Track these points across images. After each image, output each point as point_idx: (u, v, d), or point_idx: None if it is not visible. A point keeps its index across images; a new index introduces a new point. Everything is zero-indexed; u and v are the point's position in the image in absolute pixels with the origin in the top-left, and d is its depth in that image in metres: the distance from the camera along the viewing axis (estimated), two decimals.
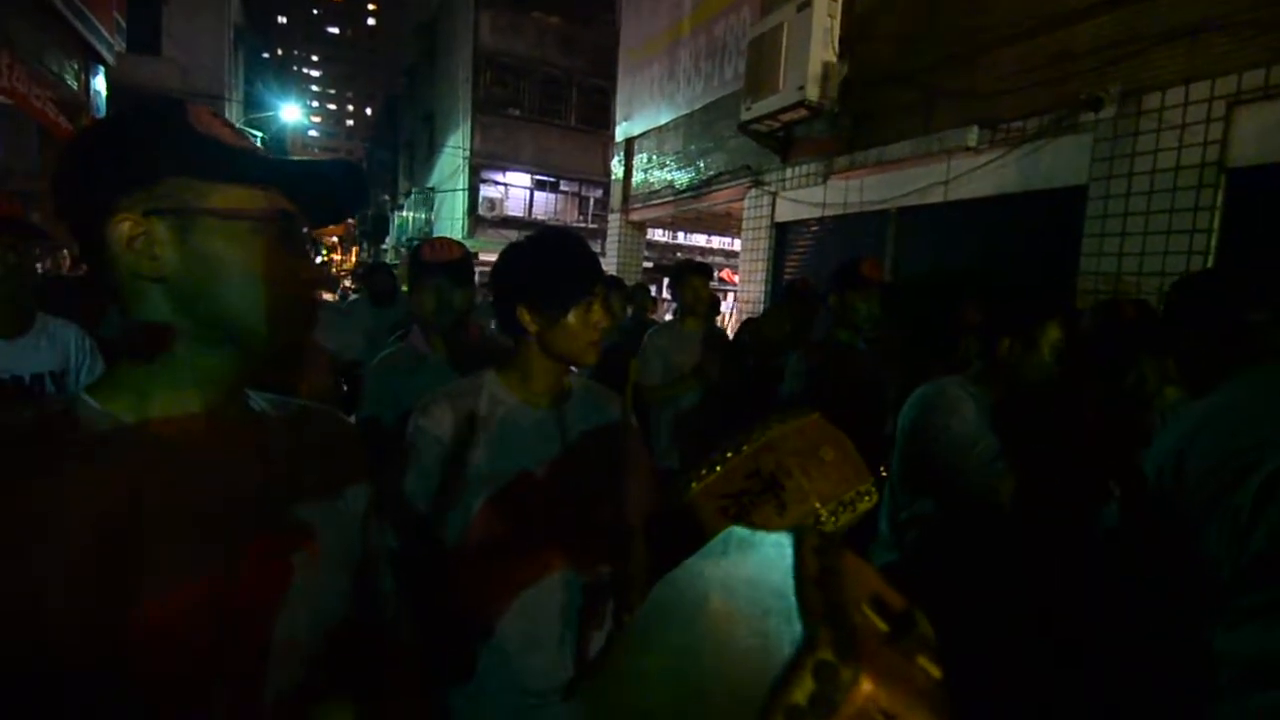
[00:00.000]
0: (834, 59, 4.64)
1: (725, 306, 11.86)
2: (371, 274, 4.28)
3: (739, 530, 0.49)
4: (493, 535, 1.18)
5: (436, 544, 1.19)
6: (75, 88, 6.29)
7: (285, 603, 0.65)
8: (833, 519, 0.77)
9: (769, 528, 0.79)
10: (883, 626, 0.40)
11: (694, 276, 2.93)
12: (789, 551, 0.43)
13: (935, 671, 0.39)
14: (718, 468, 0.81)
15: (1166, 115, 2.93)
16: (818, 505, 0.78)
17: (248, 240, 0.62)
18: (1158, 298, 2.91)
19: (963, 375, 1.75)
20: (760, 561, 0.44)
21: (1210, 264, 2.79)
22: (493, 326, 2.14)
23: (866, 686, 0.34)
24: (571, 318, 1.18)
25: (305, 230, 0.68)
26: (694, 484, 0.81)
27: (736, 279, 9.66)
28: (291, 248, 0.66)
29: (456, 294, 1.85)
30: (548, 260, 1.21)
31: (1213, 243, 2.79)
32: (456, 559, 1.19)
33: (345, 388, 2.79)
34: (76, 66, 6.34)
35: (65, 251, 5.84)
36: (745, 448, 0.82)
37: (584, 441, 1.27)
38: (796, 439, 0.83)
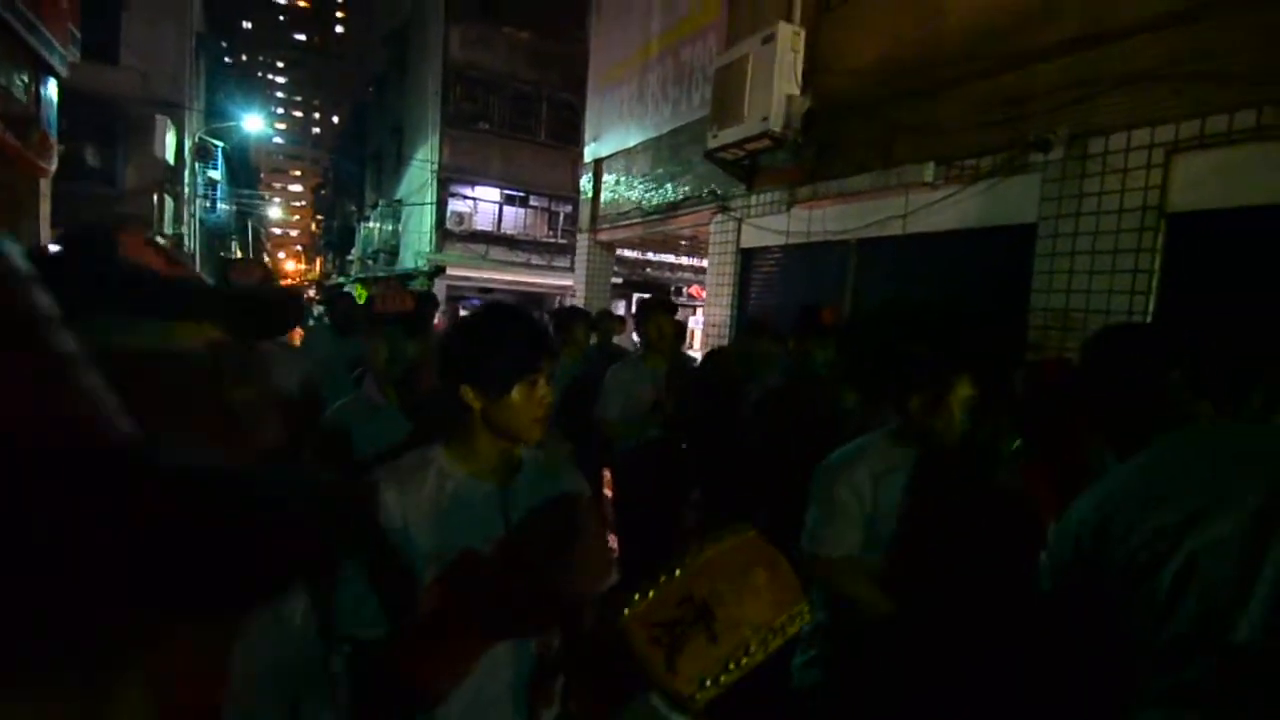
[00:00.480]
0: (797, 91, 4.72)
1: (694, 321, 11.93)
2: (334, 301, 4.20)
3: (651, 700, 0.49)
4: (439, 612, 1.17)
5: (385, 623, 1.17)
6: (24, 100, 6.10)
7: None
8: (762, 648, 0.78)
9: (701, 658, 0.78)
10: None
11: (659, 314, 2.95)
12: None
13: None
14: (650, 593, 0.80)
15: (1110, 159, 3.05)
16: (748, 634, 0.77)
17: (180, 377, 0.61)
18: None
19: (884, 432, 1.76)
20: None
21: (1152, 304, 2.90)
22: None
23: None
24: (515, 395, 1.18)
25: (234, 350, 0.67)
26: (626, 610, 0.80)
27: (704, 295, 9.76)
28: (225, 376, 0.65)
29: (409, 345, 1.85)
30: (490, 339, 1.21)
31: (1154, 283, 2.90)
32: (403, 636, 1.17)
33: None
34: (26, 79, 6.15)
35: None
36: (678, 572, 0.81)
37: (534, 515, 1.26)
38: (729, 561, 0.82)
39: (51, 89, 6.84)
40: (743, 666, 0.72)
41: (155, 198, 13.25)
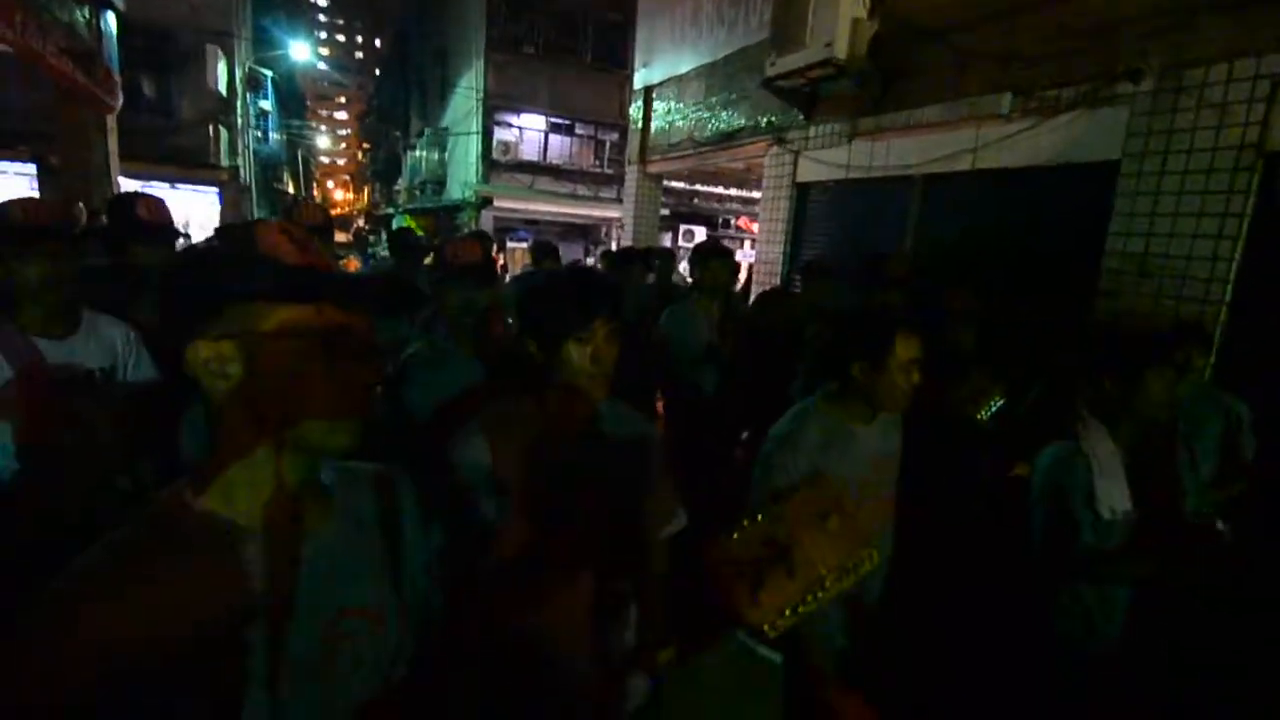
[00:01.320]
0: (864, 15, 4.45)
1: (742, 255, 11.75)
2: (400, 244, 4.21)
3: (738, 637, 0.62)
4: (523, 550, 1.27)
5: (470, 563, 1.28)
6: (86, 35, 6.20)
7: (358, 662, 0.74)
8: (836, 585, 0.85)
9: (781, 591, 0.86)
10: None
11: (714, 260, 2.94)
12: (778, 680, 0.55)
13: None
14: (735, 535, 0.88)
15: (1208, 92, 2.83)
16: (823, 571, 0.85)
17: (303, 355, 0.68)
18: (1181, 282, 2.89)
19: (819, 395, 1.71)
20: (751, 683, 0.58)
21: (1239, 250, 2.74)
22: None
23: None
24: (568, 351, 1.23)
25: (362, 338, 0.73)
26: (715, 550, 0.88)
27: (755, 227, 9.53)
28: (340, 358, 0.70)
29: (479, 295, 1.92)
30: (545, 298, 1.29)
31: (1244, 228, 2.74)
32: (489, 573, 1.28)
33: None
34: (87, 13, 6.23)
35: (81, 205, 5.90)
36: (760, 517, 0.89)
37: (610, 460, 1.34)
38: (805, 508, 0.89)
39: (110, 22, 6.92)
40: (819, 599, 0.81)
41: (210, 129, 13.45)
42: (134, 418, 1.84)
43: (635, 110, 8.35)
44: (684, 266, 7.87)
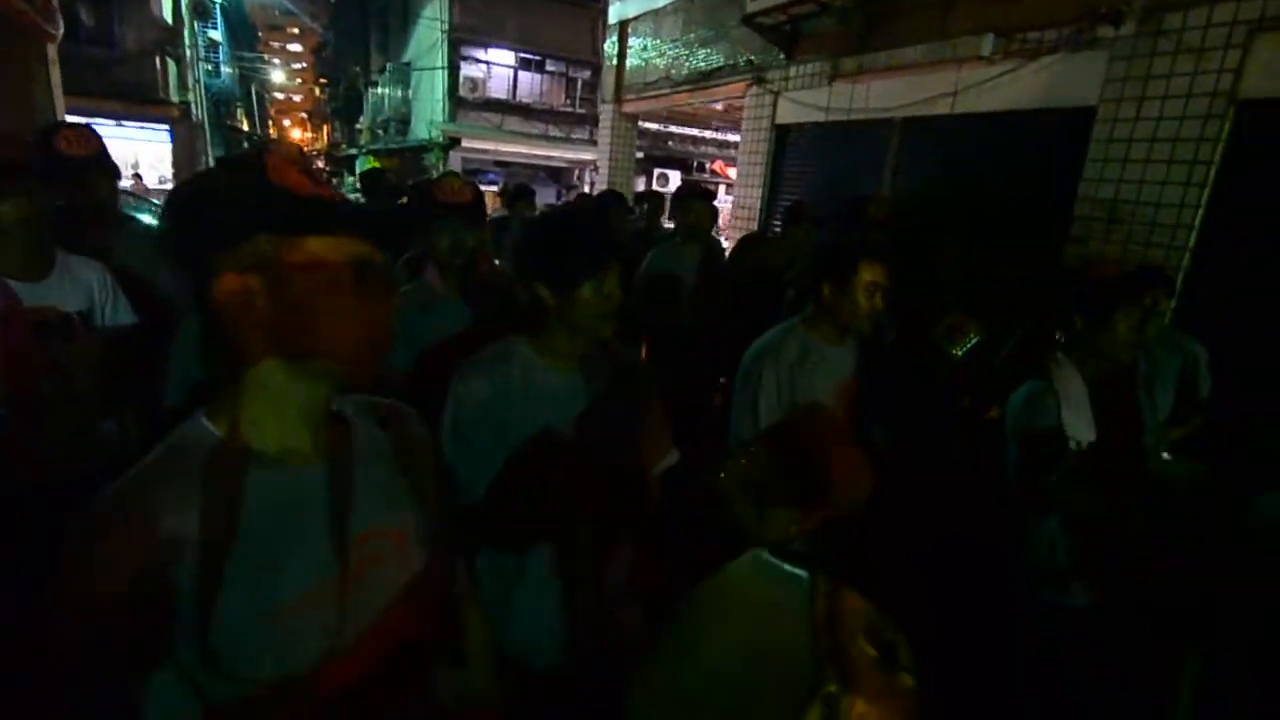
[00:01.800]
0: None
1: (718, 201, 11.64)
2: (372, 186, 4.11)
3: (764, 554, 0.64)
4: (522, 484, 1.31)
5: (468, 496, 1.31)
6: None
7: (381, 587, 0.77)
8: (839, 507, 0.91)
9: (789, 512, 0.91)
10: (873, 653, 0.54)
11: (697, 201, 2.93)
12: (804, 592, 0.57)
13: (910, 682, 0.54)
14: (742, 459, 0.92)
15: (1186, 37, 2.86)
16: (833, 496, 0.90)
17: (328, 287, 0.68)
18: (1149, 229, 2.97)
19: (799, 319, 1.85)
20: (779, 595, 0.59)
21: (1205, 197, 2.83)
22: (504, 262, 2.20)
23: (860, 708, 0.50)
24: (584, 292, 1.25)
25: (382, 269, 0.73)
26: (724, 472, 0.93)
27: (731, 172, 9.43)
28: (368, 289, 0.71)
29: (469, 235, 1.90)
30: (559, 239, 1.28)
31: (1211, 175, 2.81)
32: (487, 506, 1.32)
33: None
34: None
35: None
36: (766, 439, 0.93)
37: (604, 396, 1.37)
38: (811, 432, 0.94)
39: None
40: (820, 521, 0.87)
41: (157, 61, 12.65)
42: (114, 363, 1.81)
43: (610, 46, 8.08)
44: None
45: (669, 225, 3.80)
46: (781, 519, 0.89)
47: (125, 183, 11.59)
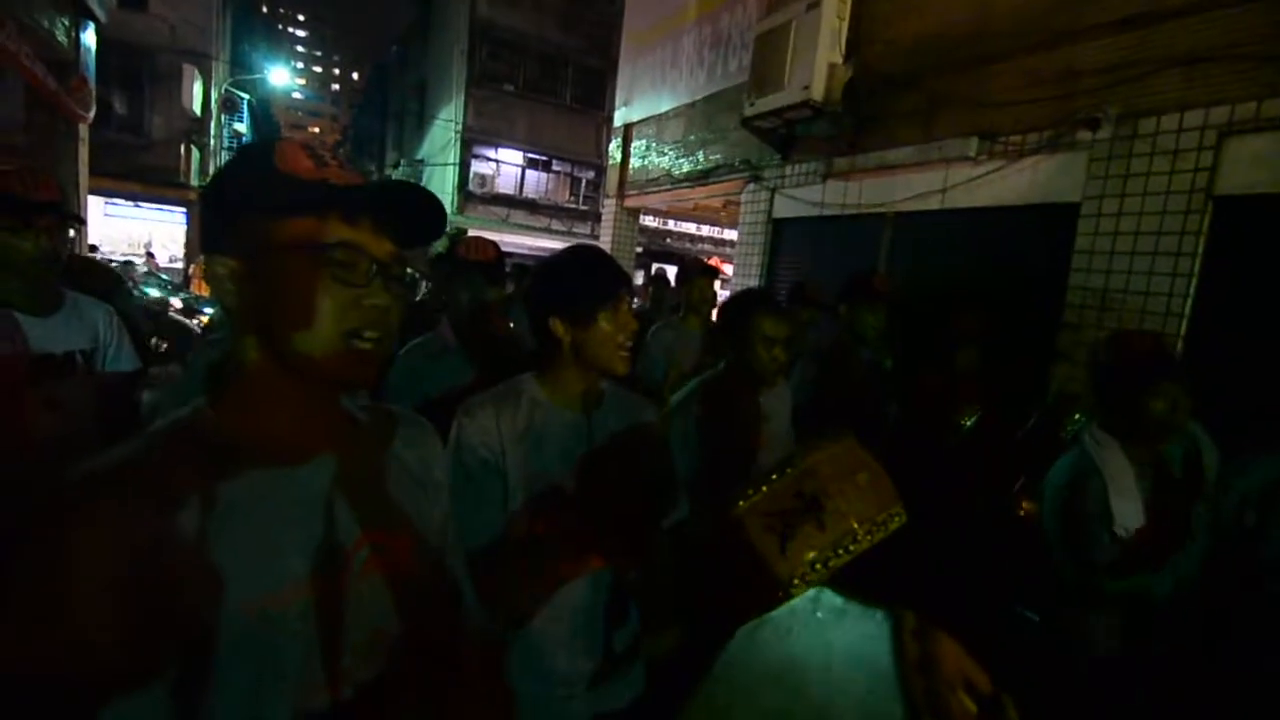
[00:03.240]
0: (840, 60, 4.69)
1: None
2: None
3: (829, 593, 0.51)
4: (527, 532, 1.26)
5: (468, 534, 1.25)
6: (65, 44, 6.14)
7: (377, 595, 0.71)
8: (868, 538, 0.85)
9: (811, 543, 0.87)
10: (973, 709, 0.44)
11: (701, 278, 3.01)
12: (888, 633, 0.47)
13: None
14: (764, 488, 0.88)
15: (1160, 140, 3.04)
16: (855, 525, 0.85)
17: (302, 272, 0.65)
18: (1140, 316, 3.04)
19: (710, 372, 1.92)
20: (858, 635, 0.48)
21: (1193, 286, 2.92)
22: (518, 324, 2.22)
23: None
24: (601, 322, 1.24)
25: (374, 259, 0.69)
26: (741, 502, 0.88)
27: (727, 268, 9.75)
28: (351, 277, 0.66)
29: (490, 291, 1.93)
30: (575, 271, 1.29)
31: (1196, 266, 2.91)
32: (491, 555, 1.26)
33: None
34: (67, 23, 6.18)
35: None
36: (789, 470, 0.89)
37: (614, 444, 1.34)
38: (835, 463, 0.90)
39: (90, 35, 6.87)
40: (850, 552, 0.81)
41: (182, 148, 13.30)
42: (114, 405, 1.78)
43: (615, 146, 8.54)
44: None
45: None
46: (803, 555, 0.85)
47: (138, 259, 11.88)
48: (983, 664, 0.46)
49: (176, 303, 8.60)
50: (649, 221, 12.62)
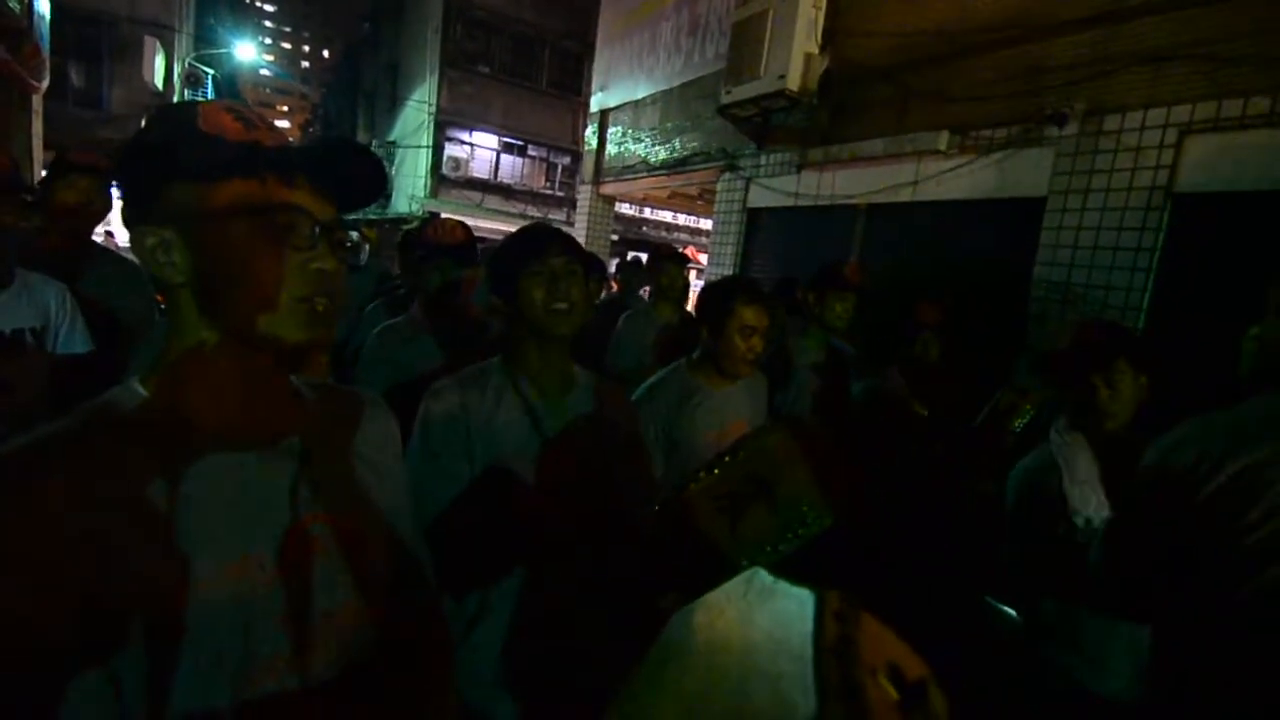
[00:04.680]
0: (816, 50, 4.69)
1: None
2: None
3: (762, 574, 0.49)
4: (486, 515, 1.24)
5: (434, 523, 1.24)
6: (17, 10, 5.87)
7: (327, 575, 0.70)
8: (817, 523, 0.86)
9: (762, 526, 0.88)
10: (894, 695, 0.40)
11: (671, 264, 3.01)
12: (810, 613, 0.43)
13: None
14: (715, 470, 0.89)
15: (1124, 137, 3.11)
16: (805, 508, 0.86)
17: (245, 238, 0.63)
18: (1101, 309, 3.12)
19: (684, 360, 1.89)
20: (781, 616, 0.45)
21: (1150, 281, 3.00)
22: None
23: None
24: (527, 287, 1.23)
25: (317, 221, 0.66)
26: (692, 485, 0.89)
27: (702, 257, 9.77)
28: (295, 241, 0.65)
29: (459, 274, 1.92)
30: (507, 246, 1.31)
31: (1154, 261, 2.99)
32: (454, 537, 1.25)
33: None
34: None
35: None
36: (741, 454, 0.90)
37: (581, 430, 1.33)
38: (787, 449, 0.91)
39: (44, 1, 6.59)
40: (800, 536, 0.82)
41: (143, 123, 12.84)
42: (64, 386, 1.72)
43: (591, 133, 8.47)
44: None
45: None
46: (753, 537, 0.85)
47: (97, 238, 11.41)
48: (918, 648, 0.44)
49: None
50: (625, 209, 12.54)
